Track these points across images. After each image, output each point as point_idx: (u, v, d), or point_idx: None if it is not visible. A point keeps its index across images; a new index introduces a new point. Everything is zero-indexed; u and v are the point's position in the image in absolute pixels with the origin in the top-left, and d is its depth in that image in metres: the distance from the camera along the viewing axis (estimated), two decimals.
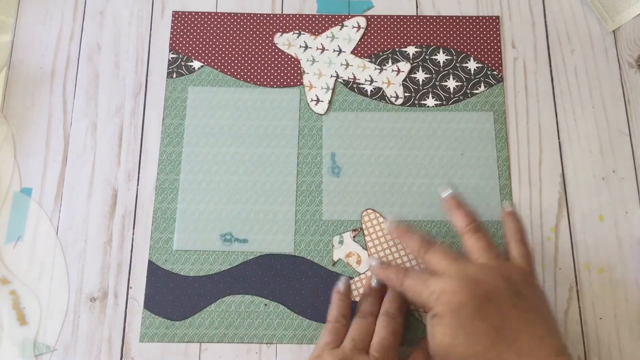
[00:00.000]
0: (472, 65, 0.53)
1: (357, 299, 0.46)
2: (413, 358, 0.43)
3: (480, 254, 0.41)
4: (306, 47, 0.53)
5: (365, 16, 0.54)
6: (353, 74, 0.52)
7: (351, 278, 0.47)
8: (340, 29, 0.54)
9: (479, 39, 0.53)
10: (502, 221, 0.45)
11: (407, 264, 0.47)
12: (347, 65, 0.53)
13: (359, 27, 0.54)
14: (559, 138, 0.51)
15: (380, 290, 0.45)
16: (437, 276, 0.39)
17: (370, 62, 0.53)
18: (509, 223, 0.44)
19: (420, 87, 0.52)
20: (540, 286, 0.41)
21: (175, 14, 0.54)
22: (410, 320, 0.46)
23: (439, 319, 0.37)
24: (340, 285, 0.45)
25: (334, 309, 0.44)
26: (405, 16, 0.54)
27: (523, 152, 0.50)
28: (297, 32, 0.54)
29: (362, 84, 0.52)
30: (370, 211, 0.49)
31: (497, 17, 0.54)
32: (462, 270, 0.39)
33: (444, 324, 0.37)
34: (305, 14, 0.54)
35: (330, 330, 0.42)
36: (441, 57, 0.53)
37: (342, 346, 0.41)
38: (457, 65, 0.53)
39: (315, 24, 0.54)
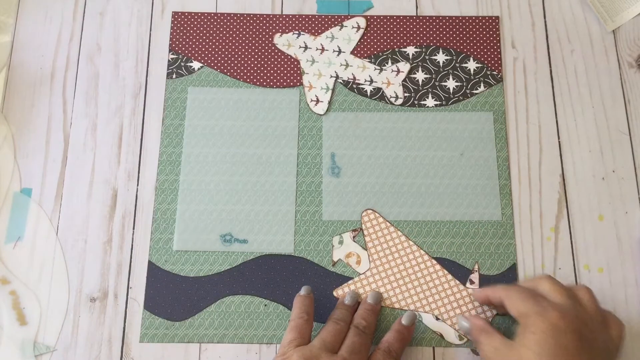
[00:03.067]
0: (471, 65, 0.53)
1: None
2: (387, 340, 0.43)
3: (587, 302, 0.40)
4: (306, 47, 0.53)
5: (365, 16, 0.54)
6: (353, 74, 0.52)
7: (349, 279, 0.47)
8: (340, 30, 0.54)
9: (479, 39, 0.53)
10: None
11: (409, 269, 0.47)
12: (347, 65, 0.53)
13: (358, 28, 0.54)
14: (558, 138, 0.51)
15: (353, 306, 0.45)
16: (547, 301, 0.39)
17: (370, 62, 0.53)
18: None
19: (420, 88, 0.52)
20: None
21: (175, 15, 0.54)
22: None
23: (540, 333, 0.37)
24: (302, 290, 0.45)
25: (296, 307, 0.44)
26: (405, 16, 0.54)
27: (523, 152, 0.50)
28: (297, 32, 0.54)
29: (362, 84, 0.52)
30: (370, 211, 0.49)
31: (497, 17, 0.54)
32: (574, 309, 0.39)
33: (542, 339, 0.37)
34: (305, 14, 0.54)
35: (293, 327, 0.42)
36: (441, 57, 0.53)
37: (311, 344, 0.41)
38: (457, 65, 0.53)
39: (315, 25, 0.54)
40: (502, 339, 0.40)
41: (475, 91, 0.52)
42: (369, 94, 0.52)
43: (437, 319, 0.46)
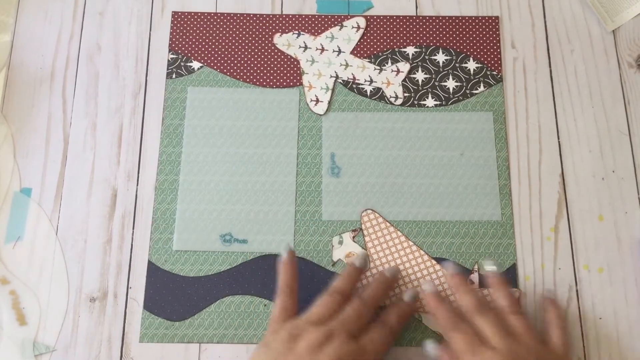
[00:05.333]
0: (471, 65, 0.53)
1: None
2: (385, 314, 0.43)
3: (523, 335, 0.41)
4: (306, 47, 0.53)
5: (365, 16, 0.54)
6: (352, 74, 0.52)
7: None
8: (340, 29, 0.54)
9: (479, 39, 0.53)
10: (543, 306, 0.45)
11: (409, 269, 0.47)
12: (347, 65, 0.53)
13: (358, 28, 0.54)
14: (558, 138, 0.51)
15: (361, 273, 0.45)
16: (485, 346, 0.40)
17: (370, 62, 0.53)
18: (552, 309, 0.44)
19: (420, 88, 0.52)
20: None
21: (175, 14, 0.54)
22: (410, 320, 0.46)
23: None
24: (283, 252, 0.45)
25: (280, 280, 0.44)
26: (404, 16, 0.54)
27: (523, 152, 0.50)
28: (297, 32, 0.54)
29: (362, 84, 0.52)
30: (369, 211, 0.49)
31: (497, 17, 0.54)
32: (510, 349, 0.39)
33: None
34: (305, 14, 0.54)
35: (278, 303, 0.43)
36: (441, 57, 0.53)
37: (299, 318, 0.41)
38: (457, 65, 0.53)
39: (314, 24, 0.54)
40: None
41: (475, 91, 0.52)
42: (368, 94, 0.52)
43: None
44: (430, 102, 0.52)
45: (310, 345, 0.38)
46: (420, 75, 0.52)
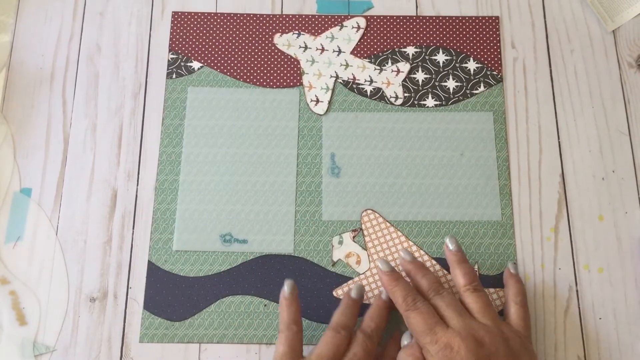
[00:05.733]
0: (471, 65, 0.53)
1: None
2: (387, 349, 0.43)
3: (480, 313, 0.41)
4: (306, 47, 0.53)
5: (365, 16, 0.54)
6: (353, 74, 0.52)
7: (349, 279, 0.47)
8: (340, 30, 0.54)
9: (479, 39, 0.53)
10: (504, 282, 0.46)
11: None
12: (347, 65, 0.53)
13: (358, 28, 0.54)
14: (558, 138, 0.51)
15: (359, 303, 0.44)
16: (444, 326, 0.39)
17: (370, 62, 0.53)
18: (512, 285, 0.44)
19: (420, 88, 0.52)
20: (534, 352, 0.41)
21: (175, 15, 0.54)
22: None
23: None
24: (286, 288, 0.43)
25: (284, 316, 0.42)
26: (404, 16, 0.54)
27: (523, 152, 0.50)
28: (297, 32, 0.54)
29: (362, 84, 0.52)
30: (369, 211, 0.49)
31: (497, 18, 0.54)
32: (468, 328, 0.39)
33: None
34: (305, 15, 0.54)
35: (284, 340, 0.41)
36: (441, 58, 0.53)
37: (307, 358, 0.40)
38: (457, 65, 0.53)
39: (315, 25, 0.54)
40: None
41: (475, 91, 0.52)
42: (369, 94, 0.52)
43: None
44: (430, 102, 0.52)
45: None
46: (420, 75, 0.52)
